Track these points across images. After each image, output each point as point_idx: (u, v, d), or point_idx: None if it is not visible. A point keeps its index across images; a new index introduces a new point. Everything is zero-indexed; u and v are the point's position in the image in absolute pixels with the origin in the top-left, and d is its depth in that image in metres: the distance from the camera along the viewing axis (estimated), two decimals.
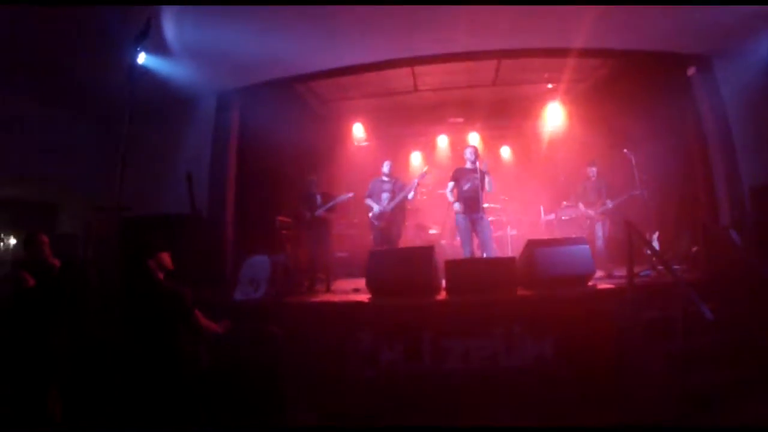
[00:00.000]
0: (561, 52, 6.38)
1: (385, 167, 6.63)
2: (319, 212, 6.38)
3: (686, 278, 4.73)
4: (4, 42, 4.92)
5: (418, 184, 6.53)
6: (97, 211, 6.09)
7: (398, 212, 6.58)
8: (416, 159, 9.73)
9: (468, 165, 6.01)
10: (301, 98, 8.19)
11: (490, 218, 6.82)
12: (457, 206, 5.98)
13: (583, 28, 5.51)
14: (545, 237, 7.30)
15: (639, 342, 4.13)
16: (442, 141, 9.65)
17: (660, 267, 4.95)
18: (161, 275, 3.14)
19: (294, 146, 7.77)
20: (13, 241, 7.10)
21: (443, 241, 8.02)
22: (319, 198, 6.46)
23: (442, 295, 4.94)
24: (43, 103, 6.39)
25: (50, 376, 3.67)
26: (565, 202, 7.80)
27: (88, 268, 5.90)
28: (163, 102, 6.56)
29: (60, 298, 3.74)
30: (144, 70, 4.37)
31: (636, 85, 7.16)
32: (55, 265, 3.80)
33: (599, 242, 6.15)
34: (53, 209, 7.86)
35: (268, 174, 7.59)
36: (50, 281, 3.71)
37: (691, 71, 6.48)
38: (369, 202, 6.57)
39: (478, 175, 5.84)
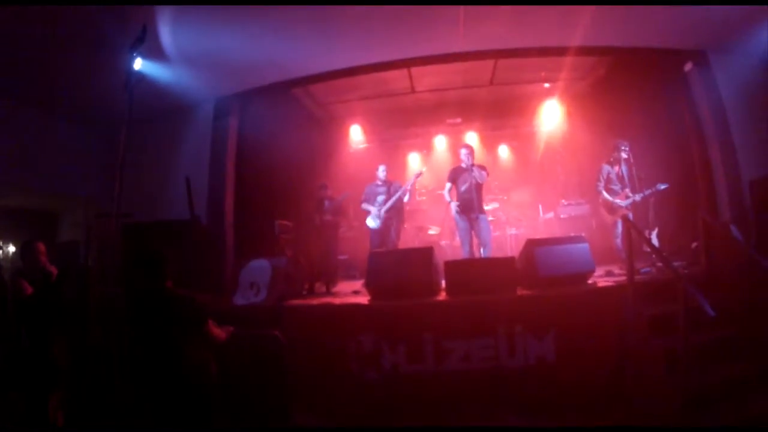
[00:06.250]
0: (558, 51, 6.39)
1: (380, 173, 6.66)
2: (327, 217, 6.45)
3: (687, 274, 4.73)
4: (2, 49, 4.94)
5: (412, 186, 6.54)
6: (98, 217, 6.11)
7: (395, 214, 6.59)
8: (414, 160, 9.72)
9: (464, 165, 6.00)
10: (298, 102, 8.20)
11: (490, 218, 6.82)
12: (454, 206, 5.99)
13: (579, 26, 5.52)
14: (544, 236, 7.29)
15: (640, 339, 4.12)
16: (440, 142, 9.64)
17: (660, 263, 4.94)
18: (170, 283, 3.03)
19: (292, 150, 7.78)
20: (12, 248, 7.11)
21: (443, 242, 8.02)
22: (327, 203, 6.52)
23: (443, 296, 4.93)
24: (41, 109, 6.40)
25: (51, 384, 3.68)
26: (564, 201, 7.81)
27: (88, 274, 5.91)
28: (161, 108, 6.59)
29: (58, 305, 3.74)
30: (141, 77, 4.36)
31: (633, 81, 7.16)
32: (52, 272, 3.79)
33: (617, 240, 5.88)
34: (53, 216, 7.88)
35: (267, 178, 7.60)
36: (48, 289, 3.71)
37: (687, 67, 6.48)
38: (365, 206, 6.59)
39: (475, 174, 5.84)
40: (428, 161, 9.48)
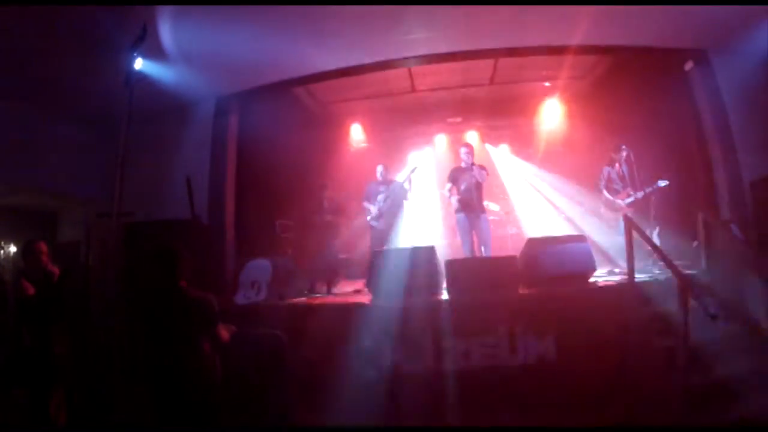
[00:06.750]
0: (558, 50, 6.37)
1: (378, 173, 6.67)
2: (326, 217, 6.45)
3: (688, 273, 4.72)
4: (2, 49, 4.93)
5: (410, 182, 6.55)
6: (99, 217, 6.11)
7: (396, 213, 6.59)
8: (415, 159, 9.69)
9: (464, 164, 5.99)
10: (298, 101, 8.18)
11: (491, 217, 6.81)
12: (454, 201, 5.99)
13: (579, 25, 5.51)
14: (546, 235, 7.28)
15: (641, 338, 4.12)
16: (441, 141, 9.62)
17: (661, 262, 4.94)
18: (185, 283, 2.97)
19: (293, 149, 7.77)
20: (13, 249, 7.10)
21: (444, 241, 8.02)
22: (326, 203, 6.53)
23: (444, 295, 4.93)
24: (41, 109, 6.39)
25: (53, 383, 3.68)
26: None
27: (89, 274, 5.92)
28: (161, 107, 6.57)
29: (60, 305, 3.74)
30: (141, 76, 4.36)
31: (634, 81, 7.15)
32: (54, 272, 3.80)
33: (619, 237, 5.72)
34: (53, 216, 7.88)
35: (268, 177, 7.60)
36: (50, 289, 3.72)
37: (688, 66, 6.47)
38: (366, 205, 6.59)
39: (475, 174, 5.84)
40: (429, 160, 9.47)
